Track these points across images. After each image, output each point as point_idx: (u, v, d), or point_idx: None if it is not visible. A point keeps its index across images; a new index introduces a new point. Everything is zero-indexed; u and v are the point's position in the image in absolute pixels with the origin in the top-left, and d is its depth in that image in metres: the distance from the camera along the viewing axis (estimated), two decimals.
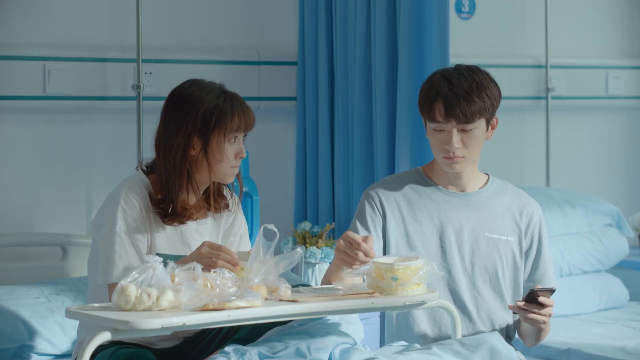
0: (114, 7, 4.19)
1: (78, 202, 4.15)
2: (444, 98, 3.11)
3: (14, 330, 3.46)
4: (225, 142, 3.03)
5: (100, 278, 2.97)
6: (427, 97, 3.14)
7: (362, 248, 2.91)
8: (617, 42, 5.52)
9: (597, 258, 4.66)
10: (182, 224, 3.06)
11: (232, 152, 3.05)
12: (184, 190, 3.04)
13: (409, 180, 3.30)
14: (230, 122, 3.02)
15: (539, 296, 3.04)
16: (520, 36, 5.24)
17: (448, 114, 3.11)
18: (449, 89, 3.11)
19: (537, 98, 5.19)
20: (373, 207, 3.25)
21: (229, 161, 3.04)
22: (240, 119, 3.03)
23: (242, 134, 3.07)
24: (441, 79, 3.14)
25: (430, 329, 3.22)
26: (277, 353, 2.83)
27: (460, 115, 3.11)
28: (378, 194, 3.26)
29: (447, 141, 3.13)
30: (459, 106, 3.10)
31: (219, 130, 3.02)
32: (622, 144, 5.57)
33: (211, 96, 3.03)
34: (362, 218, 3.24)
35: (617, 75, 5.42)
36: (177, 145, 3.02)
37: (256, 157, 4.38)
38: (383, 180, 3.32)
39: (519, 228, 3.29)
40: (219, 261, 2.83)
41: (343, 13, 4.38)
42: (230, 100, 3.04)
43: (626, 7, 5.54)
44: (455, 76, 3.14)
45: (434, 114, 3.12)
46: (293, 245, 4.24)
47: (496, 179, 3.34)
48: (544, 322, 3.10)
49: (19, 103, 4.01)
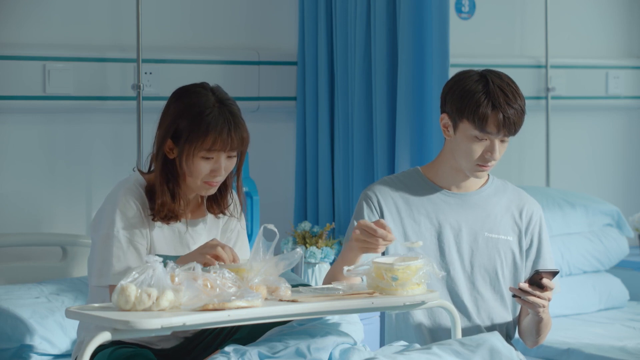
0: (114, 7, 4.19)
1: (78, 202, 4.15)
2: (502, 111, 3.10)
3: (14, 330, 3.46)
4: (195, 158, 2.95)
5: (95, 280, 2.96)
6: (479, 105, 3.11)
7: (379, 234, 2.94)
8: (617, 42, 5.52)
9: (597, 258, 4.66)
10: (166, 224, 3.04)
11: (205, 168, 2.96)
12: (166, 192, 3.00)
13: (407, 180, 3.30)
14: (202, 141, 2.92)
15: (542, 278, 3.05)
16: (520, 36, 5.24)
17: (504, 127, 3.12)
18: (506, 102, 3.11)
19: (537, 98, 5.19)
20: (371, 207, 3.25)
21: (199, 176, 2.97)
22: (215, 140, 2.92)
23: (222, 153, 2.96)
24: (496, 88, 3.12)
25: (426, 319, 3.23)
26: (277, 353, 2.83)
27: (513, 129, 3.13)
28: (376, 194, 3.26)
29: (489, 150, 3.14)
30: (515, 121, 3.12)
31: (189, 145, 2.94)
32: (622, 144, 5.57)
33: (199, 105, 2.95)
34: (360, 218, 3.24)
35: (617, 75, 5.42)
36: (157, 143, 3.01)
37: (256, 157, 4.38)
38: (381, 180, 3.32)
39: (519, 228, 3.30)
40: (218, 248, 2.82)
41: (343, 13, 4.38)
42: (214, 117, 2.93)
43: (626, 7, 5.54)
44: (506, 87, 3.14)
45: (487, 124, 3.11)
46: (293, 245, 4.24)
47: (496, 179, 3.34)
48: (543, 307, 3.10)
49: (19, 103, 4.01)
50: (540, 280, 3.05)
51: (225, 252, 2.85)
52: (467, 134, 3.15)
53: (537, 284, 3.06)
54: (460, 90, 3.16)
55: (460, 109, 3.14)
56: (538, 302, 3.08)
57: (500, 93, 3.12)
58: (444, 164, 3.27)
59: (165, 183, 3.00)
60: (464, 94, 3.14)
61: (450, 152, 3.23)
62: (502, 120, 3.11)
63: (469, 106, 3.13)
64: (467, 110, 3.13)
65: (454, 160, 3.23)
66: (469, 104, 3.13)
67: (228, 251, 2.86)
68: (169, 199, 3.00)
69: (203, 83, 3.04)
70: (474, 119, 3.12)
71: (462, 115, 3.14)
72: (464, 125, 3.15)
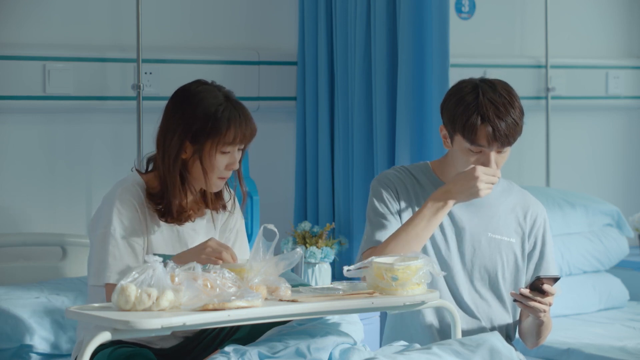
0: (114, 7, 4.19)
1: (78, 202, 4.15)
2: (492, 124, 3.07)
3: (14, 330, 3.46)
4: (217, 154, 3.00)
5: (93, 279, 2.97)
6: (468, 118, 3.08)
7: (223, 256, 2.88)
8: (617, 42, 5.52)
9: (597, 258, 4.66)
10: (180, 225, 3.05)
11: (223, 163, 3.01)
12: (179, 192, 3.02)
13: (416, 173, 3.28)
14: (224, 135, 2.98)
15: (543, 283, 3.05)
16: (520, 36, 5.23)
17: (494, 140, 3.08)
18: (496, 115, 3.07)
19: (537, 98, 5.19)
20: (388, 191, 3.22)
21: (218, 172, 3.02)
22: (236, 133, 2.99)
23: (237, 147, 3.03)
24: (485, 101, 3.08)
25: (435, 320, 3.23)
26: (277, 353, 2.83)
27: (506, 141, 3.09)
28: (392, 180, 3.24)
29: (484, 163, 3.11)
30: (507, 133, 3.08)
31: (212, 141, 2.99)
32: (622, 144, 5.56)
33: (211, 104, 2.99)
34: (380, 198, 3.22)
35: (617, 75, 5.42)
36: (172, 147, 3.01)
37: (256, 157, 4.38)
38: (392, 169, 3.30)
39: (522, 230, 3.29)
40: (223, 252, 2.83)
41: (343, 13, 4.38)
42: (229, 111, 2.99)
43: (626, 7, 5.53)
44: (497, 98, 3.09)
45: (478, 138, 3.08)
46: (293, 245, 4.24)
47: (502, 179, 3.32)
48: (544, 312, 3.10)
49: (19, 103, 4.01)
50: (541, 286, 3.05)
51: (227, 253, 2.85)
52: (462, 147, 3.14)
53: (538, 290, 3.06)
54: (454, 102, 3.14)
55: (453, 121, 3.13)
56: (539, 307, 3.08)
57: (490, 106, 3.07)
58: (449, 165, 3.25)
59: (181, 184, 3.02)
60: (457, 106, 3.12)
61: (452, 159, 3.22)
62: (491, 134, 3.07)
63: (459, 119, 3.10)
64: (459, 123, 3.11)
65: (455, 169, 3.21)
66: (459, 117, 3.11)
67: (228, 251, 2.86)
68: (185, 199, 3.03)
69: (200, 80, 3.07)
70: (464, 132, 3.10)
71: (455, 128, 3.13)
72: (458, 137, 3.13)
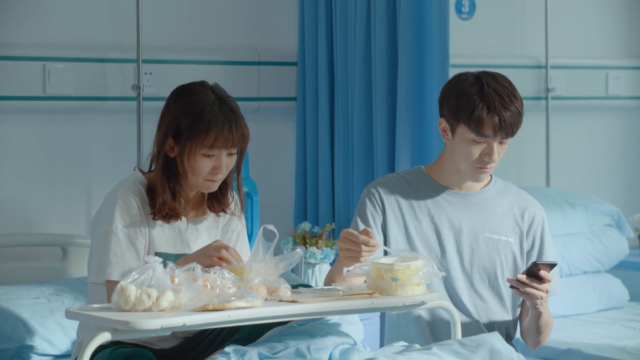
0: (114, 7, 4.19)
1: (78, 202, 4.15)
2: (498, 114, 3.10)
3: (14, 330, 3.46)
4: (197, 156, 2.96)
5: (93, 277, 2.96)
6: (474, 108, 3.11)
7: (361, 240, 2.92)
8: (617, 42, 5.52)
9: (597, 258, 4.66)
10: (167, 222, 3.04)
11: (207, 166, 2.97)
12: (165, 190, 3.00)
13: (411, 178, 3.30)
14: (203, 138, 2.94)
15: (540, 269, 3.05)
16: (520, 36, 5.24)
17: (500, 129, 3.11)
18: (502, 105, 3.11)
19: (537, 98, 5.19)
20: (374, 203, 3.25)
21: (201, 174, 2.98)
22: (216, 137, 2.93)
23: (223, 150, 2.98)
24: (490, 91, 3.12)
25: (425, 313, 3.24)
26: (277, 353, 2.83)
27: (510, 131, 3.13)
28: (379, 191, 3.27)
29: (487, 153, 3.14)
30: (512, 123, 3.11)
31: (191, 142, 2.95)
32: (622, 144, 5.57)
33: (198, 103, 2.96)
34: (362, 214, 3.25)
35: (617, 76, 5.42)
36: (158, 142, 3.01)
37: (256, 157, 4.38)
38: (385, 177, 3.33)
39: (520, 229, 3.29)
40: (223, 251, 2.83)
41: (343, 13, 4.38)
42: (214, 114, 2.94)
43: (626, 7, 5.54)
44: (501, 89, 3.13)
45: (483, 128, 3.11)
46: (293, 246, 4.24)
47: (499, 180, 3.34)
48: (541, 299, 3.10)
49: (19, 103, 4.01)
50: (538, 272, 3.06)
51: (230, 254, 2.85)
52: (465, 138, 3.15)
53: (535, 276, 3.07)
54: (456, 93, 3.16)
55: (457, 112, 3.14)
56: (536, 293, 3.08)
57: (495, 96, 3.11)
58: (445, 164, 3.27)
59: (167, 182, 3.00)
60: (460, 97, 3.14)
61: (450, 154, 3.23)
62: (498, 123, 3.10)
63: (464, 110, 3.13)
64: (463, 114, 3.13)
65: (455, 162, 3.23)
66: (464, 108, 3.13)
67: (233, 253, 2.86)
68: (169, 197, 3.01)
69: (202, 81, 3.05)
70: (469, 123, 3.12)
71: (459, 119, 3.14)
72: (461, 128, 3.15)
